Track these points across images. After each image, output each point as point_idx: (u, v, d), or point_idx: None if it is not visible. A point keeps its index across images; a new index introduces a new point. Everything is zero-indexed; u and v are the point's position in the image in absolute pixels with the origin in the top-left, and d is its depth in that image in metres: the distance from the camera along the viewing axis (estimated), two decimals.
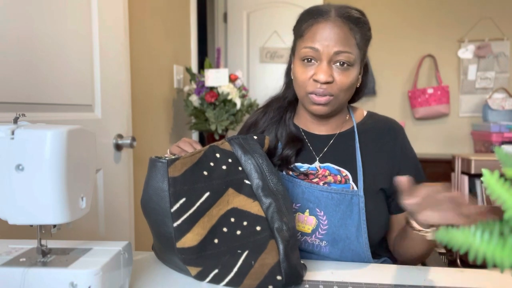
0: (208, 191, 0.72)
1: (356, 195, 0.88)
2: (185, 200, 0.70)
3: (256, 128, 1.01)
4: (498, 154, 0.46)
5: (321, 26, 0.86)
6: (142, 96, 1.75)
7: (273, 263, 0.71)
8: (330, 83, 0.86)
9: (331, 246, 0.88)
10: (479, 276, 0.78)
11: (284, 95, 1.02)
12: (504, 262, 0.33)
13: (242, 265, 0.70)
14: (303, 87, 0.89)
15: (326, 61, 0.85)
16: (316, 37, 0.86)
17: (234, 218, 0.74)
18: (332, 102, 0.88)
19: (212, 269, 0.71)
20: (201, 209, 0.71)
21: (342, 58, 0.85)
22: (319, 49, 0.85)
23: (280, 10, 3.05)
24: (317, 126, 0.98)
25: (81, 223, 1.05)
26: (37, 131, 0.58)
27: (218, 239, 0.72)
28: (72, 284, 0.56)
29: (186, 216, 0.69)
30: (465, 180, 2.27)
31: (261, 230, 0.74)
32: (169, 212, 0.69)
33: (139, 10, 1.71)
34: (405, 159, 0.95)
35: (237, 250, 0.72)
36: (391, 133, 0.96)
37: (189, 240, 0.69)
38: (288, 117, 1.01)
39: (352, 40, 0.86)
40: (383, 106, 3.41)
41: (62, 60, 1.10)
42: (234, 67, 2.97)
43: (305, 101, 0.91)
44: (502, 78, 3.26)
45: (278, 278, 0.70)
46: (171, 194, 0.69)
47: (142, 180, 1.80)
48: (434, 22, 3.33)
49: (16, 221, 0.59)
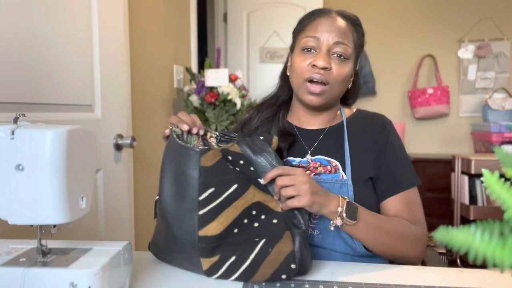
0: (236, 184, 0.74)
1: (345, 184, 0.91)
2: (213, 190, 0.72)
3: (249, 125, 1.05)
4: (498, 154, 0.46)
5: (322, 20, 0.94)
6: (142, 96, 1.75)
7: (289, 251, 0.73)
8: (328, 69, 0.91)
9: (324, 234, 0.90)
10: (479, 276, 0.78)
11: (277, 94, 1.07)
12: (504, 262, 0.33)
13: (259, 252, 0.72)
14: (301, 74, 0.93)
15: (325, 50, 0.92)
16: (318, 28, 0.93)
17: (255, 211, 0.76)
18: (327, 92, 0.93)
19: (229, 257, 0.72)
20: (228, 201, 0.73)
21: (340, 50, 0.92)
22: (320, 38, 0.92)
23: (280, 10, 3.05)
24: (309, 121, 1.02)
25: (81, 223, 1.05)
26: (37, 131, 0.58)
27: (238, 229, 0.74)
28: (72, 284, 0.56)
29: (212, 205, 0.71)
30: (465, 180, 2.27)
31: (278, 223, 0.76)
32: (196, 199, 0.71)
33: (139, 10, 1.71)
34: (391, 148, 0.97)
35: (254, 239, 0.74)
36: (379, 125, 1.00)
37: (212, 229, 0.71)
38: (282, 115, 1.05)
39: (350, 36, 0.94)
40: (383, 106, 3.41)
41: (62, 60, 1.10)
42: (234, 67, 2.97)
43: (301, 91, 0.95)
44: (502, 78, 3.26)
45: (292, 267, 0.73)
46: (201, 183, 0.71)
47: (142, 180, 1.80)
48: (434, 22, 3.33)
49: (16, 221, 0.59)
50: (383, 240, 0.85)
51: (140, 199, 1.65)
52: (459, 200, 2.29)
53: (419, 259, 0.91)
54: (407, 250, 0.88)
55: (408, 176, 0.96)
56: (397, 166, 0.96)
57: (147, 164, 1.70)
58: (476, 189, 2.27)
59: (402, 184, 0.94)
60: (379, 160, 0.95)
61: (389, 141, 0.97)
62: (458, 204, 2.31)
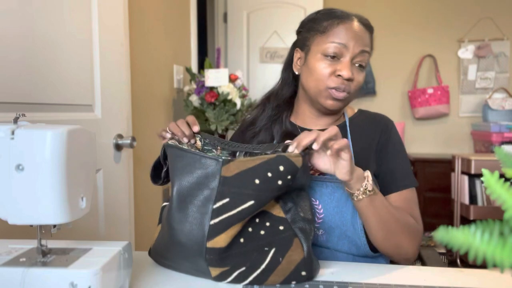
0: (253, 200, 0.70)
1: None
2: (228, 201, 0.70)
3: (253, 127, 1.03)
4: (498, 154, 0.46)
5: (347, 26, 0.91)
6: (142, 96, 1.75)
7: (299, 259, 0.73)
8: (352, 80, 0.91)
9: (328, 234, 0.89)
10: (479, 276, 0.78)
11: (281, 92, 1.05)
12: (504, 262, 0.33)
13: (270, 262, 0.72)
14: (323, 81, 0.91)
15: (350, 58, 0.90)
16: (343, 34, 0.91)
17: (258, 219, 0.75)
18: (347, 99, 0.94)
19: (239, 267, 0.71)
20: (241, 215, 0.70)
21: (363, 58, 0.92)
22: (346, 45, 0.90)
23: (280, 10, 3.05)
24: (315, 121, 1.01)
25: (81, 223, 1.05)
26: (37, 131, 0.58)
27: (244, 238, 0.73)
28: (72, 284, 0.56)
29: (224, 216, 0.70)
30: (465, 180, 2.27)
31: (284, 229, 0.75)
32: (210, 208, 0.70)
33: (139, 10, 1.71)
34: (392, 147, 0.97)
35: (263, 248, 0.73)
36: (381, 124, 1.00)
37: (221, 241, 0.69)
38: (285, 116, 1.03)
39: (369, 45, 0.95)
40: (383, 106, 3.41)
41: (62, 60, 1.10)
42: (234, 67, 2.97)
43: (321, 95, 0.93)
44: (502, 78, 3.26)
45: (302, 274, 0.72)
46: (218, 192, 0.70)
47: (142, 180, 1.79)
48: (434, 22, 3.33)
49: (16, 221, 0.59)
50: (389, 222, 0.83)
51: (140, 199, 1.65)
52: (459, 200, 2.29)
53: (414, 255, 0.89)
54: (405, 241, 0.86)
55: (407, 176, 0.96)
56: (398, 164, 0.96)
57: (147, 164, 1.69)
58: (476, 189, 2.27)
59: (402, 182, 0.95)
60: (380, 157, 0.95)
61: (391, 140, 0.98)
62: (458, 204, 2.31)
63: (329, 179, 0.91)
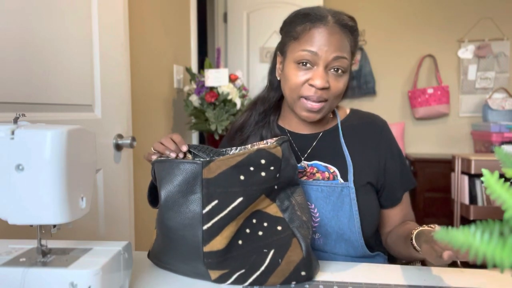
0: (242, 197, 0.70)
1: (346, 187, 0.89)
2: (217, 202, 0.69)
3: (242, 132, 1.01)
4: (498, 154, 0.46)
5: (319, 31, 0.85)
6: (142, 96, 1.75)
7: (298, 260, 0.73)
8: (326, 89, 0.86)
9: (325, 238, 0.89)
10: (479, 276, 0.78)
11: (268, 96, 1.02)
12: (504, 262, 0.33)
13: (269, 264, 0.72)
14: (296, 91, 0.87)
15: (323, 66, 0.85)
16: (315, 41, 0.85)
17: (255, 220, 0.74)
18: (325, 108, 0.89)
19: (238, 269, 0.71)
20: (233, 214, 0.70)
21: (339, 64, 0.85)
22: (318, 53, 0.84)
23: (280, 10, 3.05)
24: (303, 126, 0.99)
25: (81, 223, 1.05)
26: (37, 131, 0.58)
27: (242, 240, 0.72)
28: (72, 284, 0.56)
29: (216, 219, 0.69)
30: (465, 180, 2.27)
31: (282, 230, 0.75)
32: (200, 214, 0.69)
33: (139, 10, 1.71)
34: (391, 154, 0.96)
35: (262, 249, 0.73)
36: (376, 128, 0.97)
37: (217, 243, 0.69)
38: (272, 120, 1.01)
39: (347, 47, 0.87)
40: (383, 106, 3.41)
41: (62, 60, 1.10)
42: (234, 67, 2.97)
43: (296, 105, 0.90)
44: (502, 78, 3.26)
45: (302, 274, 0.73)
46: (204, 195, 0.69)
47: (142, 180, 1.79)
48: (434, 22, 3.33)
49: (16, 221, 0.59)
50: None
51: (140, 199, 1.64)
52: (459, 200, 2.29)
53: None
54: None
55: (408, 177, 0.97)
56: (398, 173, 0.96)
57: (147, 164, 1.70)
58: (476, 189, 2.27)
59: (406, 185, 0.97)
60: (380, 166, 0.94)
61: (389, 147, 0.96)
62: (458, 204, 2.31)
63: (323, 183, 0.90)
